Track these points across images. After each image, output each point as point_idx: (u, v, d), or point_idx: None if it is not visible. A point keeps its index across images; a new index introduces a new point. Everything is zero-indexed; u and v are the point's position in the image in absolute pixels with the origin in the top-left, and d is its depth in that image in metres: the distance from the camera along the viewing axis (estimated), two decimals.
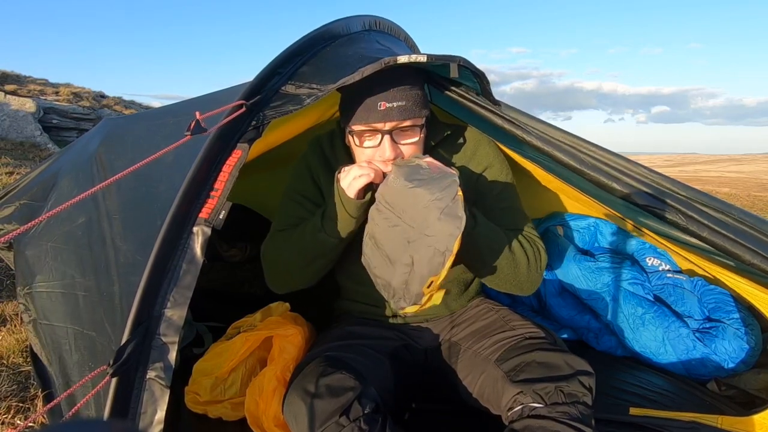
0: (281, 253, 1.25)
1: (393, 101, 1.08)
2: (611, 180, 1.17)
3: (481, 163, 1.28)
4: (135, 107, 12.01)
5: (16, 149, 6.73)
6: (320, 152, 1.31)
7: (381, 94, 1.07)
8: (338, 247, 1.19)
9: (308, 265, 1.22)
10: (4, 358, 1.69)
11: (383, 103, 1.07)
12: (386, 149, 1.11)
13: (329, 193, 1.24)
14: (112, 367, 0.86)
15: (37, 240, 1.52)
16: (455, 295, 1.35)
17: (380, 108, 1.07)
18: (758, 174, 21.80)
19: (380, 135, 1.12)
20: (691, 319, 1.63)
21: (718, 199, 1.15)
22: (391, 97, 1.08)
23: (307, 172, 1.31)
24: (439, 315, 1.33)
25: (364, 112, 1.09)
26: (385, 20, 1.42)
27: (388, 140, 1.11)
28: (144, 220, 1.13)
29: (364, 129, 1.12)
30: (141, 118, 2.02)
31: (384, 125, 1.10)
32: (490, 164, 1.28)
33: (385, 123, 1.10)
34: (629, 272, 1.74)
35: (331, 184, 1.22)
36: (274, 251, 1.26)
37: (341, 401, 0.97)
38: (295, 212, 1.29)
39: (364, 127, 1.11)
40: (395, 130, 1.12)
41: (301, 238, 1.20)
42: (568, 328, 1.81)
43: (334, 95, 1.11)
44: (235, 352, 1.33)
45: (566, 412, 0.97)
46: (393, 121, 1.09)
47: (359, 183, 1.08)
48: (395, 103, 1.08)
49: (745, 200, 9.88)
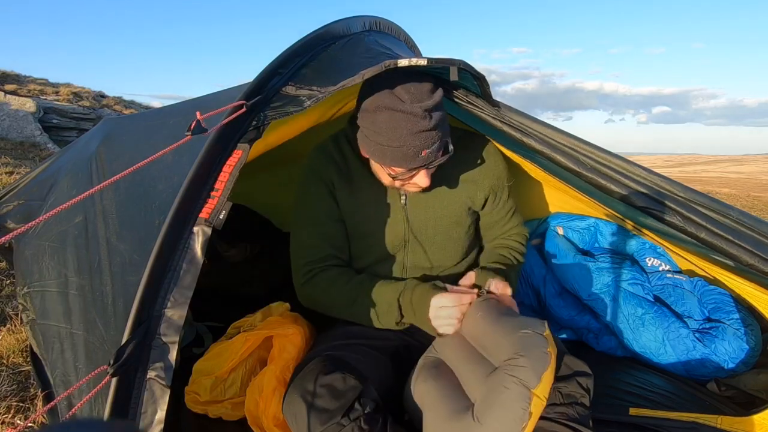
0: (327, 298, 1.27)
1: (432, 145, 1.05)
2: (610, 182, 1.17)
3: (493, 169, 1.32)
4: (135, 107, 12.00)
5: (16, 149, 6.73)
6: (332, 161, 1.28)
7: (419, 141, 1.03)
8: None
9: (351, 316, 1.26)
10: (4, 358, 1.69)
11: (424, 151, 1.05)
12: (423, 181, 1.13)
13: (343, 197, 1.27)
14: (113, 366, 0.86)
15: (36, 239, 1.52)
16: None
17: (422, 155, 1.06)
18: (758, 174, 21.80)
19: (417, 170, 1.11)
20: (690, 319, 1.63)
21: (716, 200, 1.15)
22: (431, 142, 1.05)
23: (325, 190, 1.27)
24: None
25: (406, 160, 1.06)
26: (386, 21, 1.42)
27: (424, 173, 1.13)
28: (141, 220, 1.13)
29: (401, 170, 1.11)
30: (141, 118, 2.02)
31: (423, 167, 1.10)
32: (500, 170, 1.33)
33: (426, 165, 1.09)
34: (629, 272, 1.74)
35: (345, 189, 1.25)
36: (321, 292, 1.26)
37: (341, 401, 0.97)
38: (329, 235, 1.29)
39: (404, 170, 1.10)
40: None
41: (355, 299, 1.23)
42: (568, 329, 1.81)
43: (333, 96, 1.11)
44: (235, 352, 1.33)
45: (564, 413, 0.98)
46: (432, 162, 1.09)
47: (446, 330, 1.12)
48: (434, 146, 1.06)
49: (744, 201, 9.88)
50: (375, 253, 1.31)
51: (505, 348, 0.98)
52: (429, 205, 1.28)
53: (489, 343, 1.03)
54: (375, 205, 1.27)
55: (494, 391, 0.92)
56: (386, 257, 1.31)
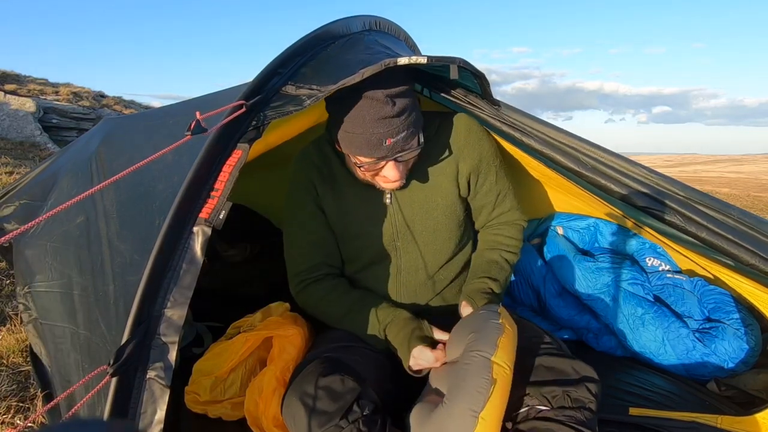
0: (317, 311, 1.30)
1: (397, 134, 1.04)
2: (610, 182, 1.17)
3: (475, 148, 1.27)
4: (135, 107, 12.00)
5: (16, 149, 6.72)
6: (313, 165, 1.29)
7: (383, 128, 1.03)
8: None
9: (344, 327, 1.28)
10: (4, 358, 1.69)
11: (389, 140, 1.04)
12: (391, 173, 1.12)
13: (328, 201, 1.27)
14: (112, 366, 0.86)
15: (37, 240, 1.52)
16: (456, 295, 1.34)
17: (386, 144, 1.04)
18: (758, 174, 21.82)
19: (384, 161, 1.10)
20: (690, 319, 1.63)
21: (717, 200, 1.15)
22: (395, 130, 1.04)
23: (309, 196, 1.28)
24: (440, 316, 1.33)
25: (370, 148, 1.05)
26: (385, 20, 1.42)
27: (393, 165, 1.11)
28: (141, 220, 1.13)
29: (367, 161, 1.10)
30: (141, 118, 2.02)
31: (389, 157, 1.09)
32: (483, 149, 1.27)
33: (390, 156, 1.08)
34: (629, 272, 1.74)
35: (329, 193, 1.26)
36: (314, 303, 1.30)
37: (340, 403, 0.97)
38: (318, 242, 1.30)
39: (370, 160, 1.09)
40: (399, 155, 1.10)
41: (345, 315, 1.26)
42: (568, 329, 1.81)
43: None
44: (235, 352, 1.33)
45: (573, 416, 0.98)
46: (399, 153, 1.08)
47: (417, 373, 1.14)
48: (400, 136, 1.05)
49: (744, 200, 9.88)
50: (367, 254, 1.30)
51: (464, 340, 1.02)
52: (415, 200, 1.25)
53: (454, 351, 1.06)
54: (361, 205, 1.26)
55: (457, 372, 0.96)
56: (379, 259, 1.30)
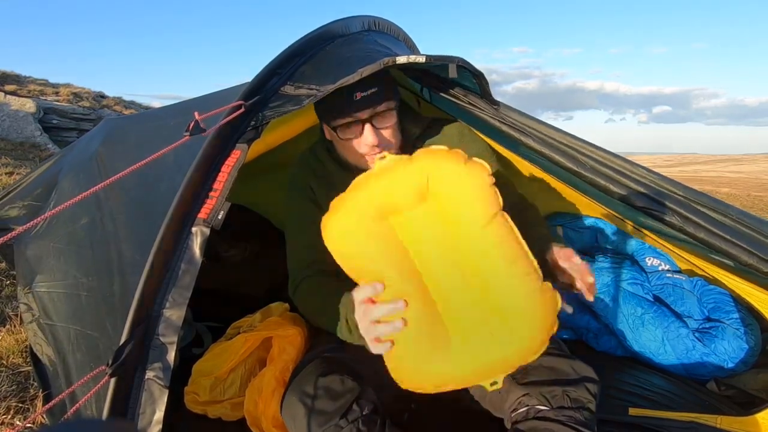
0: (305, 309, 1.26)
1: (366, 89, 1.08)
2: (609, 182, 1.17)
3: (468, 149, 1.26)
4: (135, 107, 12.00)
5: (16, 149, 6.73)
6: (309, 168, 1.30)
7: (353, 87, 1.06)
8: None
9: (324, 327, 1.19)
10: (4, 358, 1.69)
11: (358, 93, 1.07)
12: (368, 136, 1.12)
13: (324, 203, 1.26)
14: (111, 367, 0.86)
15: (40, 240, 1.53)
16: None
17: (356, 98, 1.08)
18: (758, 174, 21.79)
19: (360, 124, 1.12)
20: (690, 319, 1.63)
21: (716, 200, 1.15)
22: (364, 86, 1.07)
23: (305, 197, 1.29)
24: None
25: (341, 105, 1.09)
26: (384, 20, 1.42)
27: (369, 128, 1.12)
28: (146, 221, 1.13)
29: (343, 122, 1.12)
30: (141, 119, 2.02)
31: (362, 114, 1.11)
32: (477, 150, 1.27)
33: (362, 112, 1.10)
34: (629, 272, 1.74)
35: (325, 195, 1.24)
36: (304, 301, 1.24)
37: (339, 403, 0.97)
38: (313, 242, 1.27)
39: (343, 120, 1.12)
40: (374, 117, 1.12)
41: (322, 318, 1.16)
42: (568, 329, 1.81)
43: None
44: (235, 352, 1.33)
45: (572, 417, 0.98)
46: (370, 107, 1.10)
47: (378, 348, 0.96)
48: (369, 91, 1.08)
49: (744, 200, 9.87)
50: None
51: None
52: None
53: None
54: None
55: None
56: None
